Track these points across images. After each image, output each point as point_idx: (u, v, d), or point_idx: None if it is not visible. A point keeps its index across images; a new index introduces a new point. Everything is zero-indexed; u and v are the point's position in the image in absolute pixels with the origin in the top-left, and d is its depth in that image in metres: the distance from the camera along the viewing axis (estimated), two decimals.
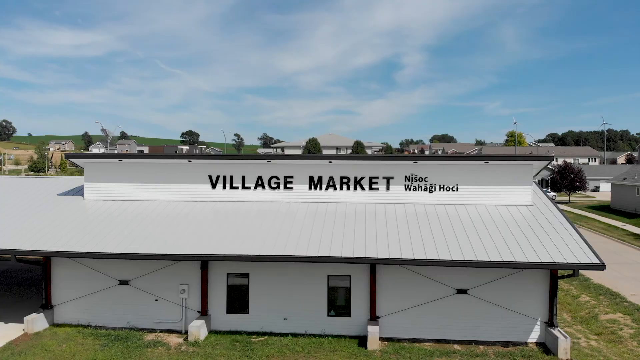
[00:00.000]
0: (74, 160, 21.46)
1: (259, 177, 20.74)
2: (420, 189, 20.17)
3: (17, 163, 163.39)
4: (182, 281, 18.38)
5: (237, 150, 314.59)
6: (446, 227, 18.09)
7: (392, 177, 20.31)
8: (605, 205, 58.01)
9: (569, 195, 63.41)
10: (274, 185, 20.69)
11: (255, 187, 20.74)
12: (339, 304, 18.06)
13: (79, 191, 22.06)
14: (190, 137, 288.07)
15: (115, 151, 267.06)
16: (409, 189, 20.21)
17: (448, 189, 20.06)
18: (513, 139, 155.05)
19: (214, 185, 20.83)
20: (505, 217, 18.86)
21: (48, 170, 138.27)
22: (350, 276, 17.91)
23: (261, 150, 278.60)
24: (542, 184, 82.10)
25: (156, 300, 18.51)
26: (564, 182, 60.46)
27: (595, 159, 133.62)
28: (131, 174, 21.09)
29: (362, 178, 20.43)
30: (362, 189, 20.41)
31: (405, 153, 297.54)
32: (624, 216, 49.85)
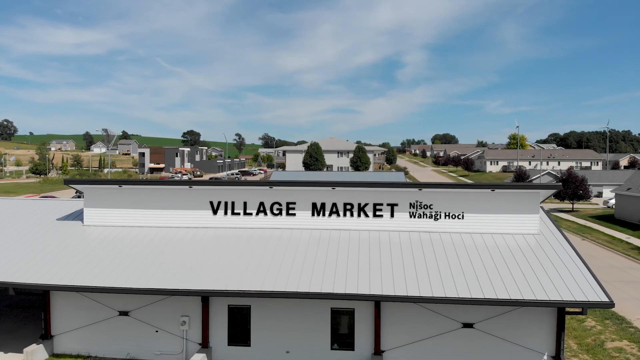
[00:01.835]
0: (73, 186, 21.14)
1: (261, 203, 20.42)
2: (425, 216, 19.84)
3: (18, 164, 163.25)
4: (182, 312, 18.08)
5: (239, 150, 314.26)
6: (452, 258, 17.77)
7: (396, 204, 19.97)
8: (609, 215, 57.56)
9: (572, 203, 63.04)
10: (276, 212, 20.37)
11: (257, 213, 20.43)
12: (342, 337, 17.75)
13: (78, 216, 21.76)
14: (192, 137, 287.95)
15: (117, 151, 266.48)
16: (414, 216, 19.88)
17: (454, 216, 19.73)
18: (515, 141, 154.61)
19: (215, 211, 20.52)
20: (512, 247, 18.52)
21: (49, 172, 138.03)
22: (354, 309, 17.60)
23: (262, 151, 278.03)
24: None
25: (156, 331, 18.22)
26: (567, 190, 60.05)
27: (597, 162, 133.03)
28: (131, 200, 20.77)
29: (365, 204, 20.10)
30: (366, 215, 20.09)
31: (407, 154, 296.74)
32: (628, 227, 49.40)
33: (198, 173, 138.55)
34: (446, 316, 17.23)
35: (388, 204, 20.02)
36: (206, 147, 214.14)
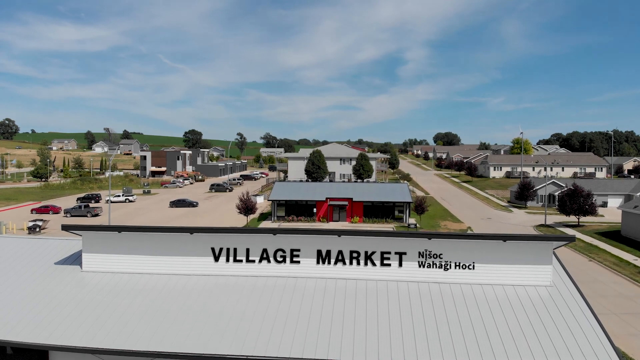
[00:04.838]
0: (72, 232, 20.55)
1: (264, 250, 19.83)
2: (434, 266, 19.22)
3: (19, 166, 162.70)
4: None
5: (240, 150, 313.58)
6: (463, 314, 17.17)
7: (404, 253, 19.36)
8: (616, 231, 56.84)
9: (578, 218, 62.04)
10: (279, 259, 19.78)
11: (260, 261, 19.83)
12: None
13: (76, 259, 21.15)
14: (193, 137, 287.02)
15: (118, 151, 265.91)
16: (423, 266, 19.26)
17: (464, 267, 19.12)
18: (519, 145, 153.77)
19: (216, 258, 19.92)
20: (525, 302, 17.90)
21: (50, 175, 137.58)
22: None
23: (264, 151, 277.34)
24: (550, 199, 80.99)
25: None
26: (573, 205, 59.05)
27: (601, 168, 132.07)
28: (130, 245, 20.17)
29: (372, 253, 19.49)
30: (373, 264, 19.48)
31: (409, 154, 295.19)
32: (635, 247, 48.69)
33: (200, 177, 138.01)
34: None
35: (396, 253, 19.41)
36: (207, 150, 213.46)
